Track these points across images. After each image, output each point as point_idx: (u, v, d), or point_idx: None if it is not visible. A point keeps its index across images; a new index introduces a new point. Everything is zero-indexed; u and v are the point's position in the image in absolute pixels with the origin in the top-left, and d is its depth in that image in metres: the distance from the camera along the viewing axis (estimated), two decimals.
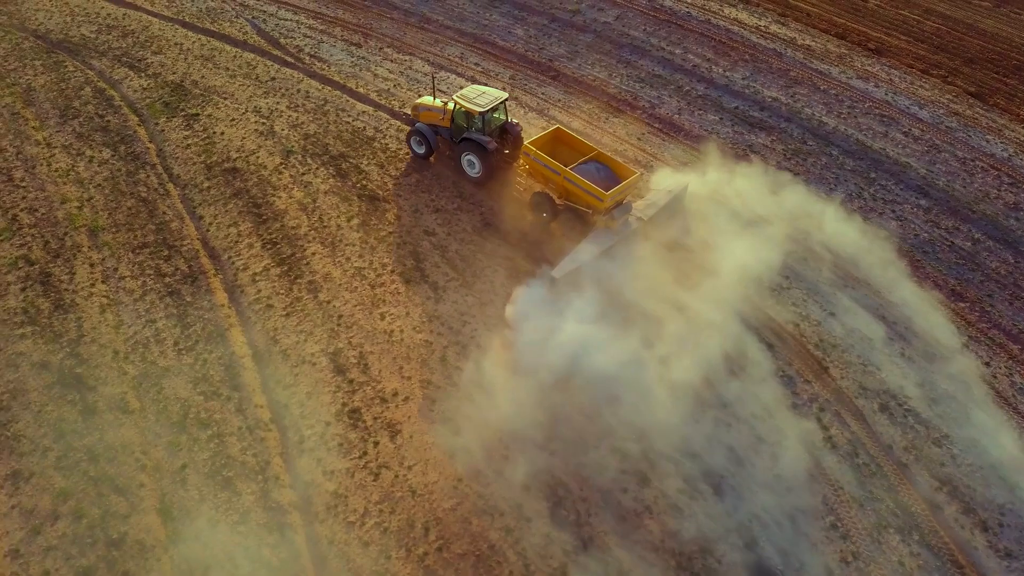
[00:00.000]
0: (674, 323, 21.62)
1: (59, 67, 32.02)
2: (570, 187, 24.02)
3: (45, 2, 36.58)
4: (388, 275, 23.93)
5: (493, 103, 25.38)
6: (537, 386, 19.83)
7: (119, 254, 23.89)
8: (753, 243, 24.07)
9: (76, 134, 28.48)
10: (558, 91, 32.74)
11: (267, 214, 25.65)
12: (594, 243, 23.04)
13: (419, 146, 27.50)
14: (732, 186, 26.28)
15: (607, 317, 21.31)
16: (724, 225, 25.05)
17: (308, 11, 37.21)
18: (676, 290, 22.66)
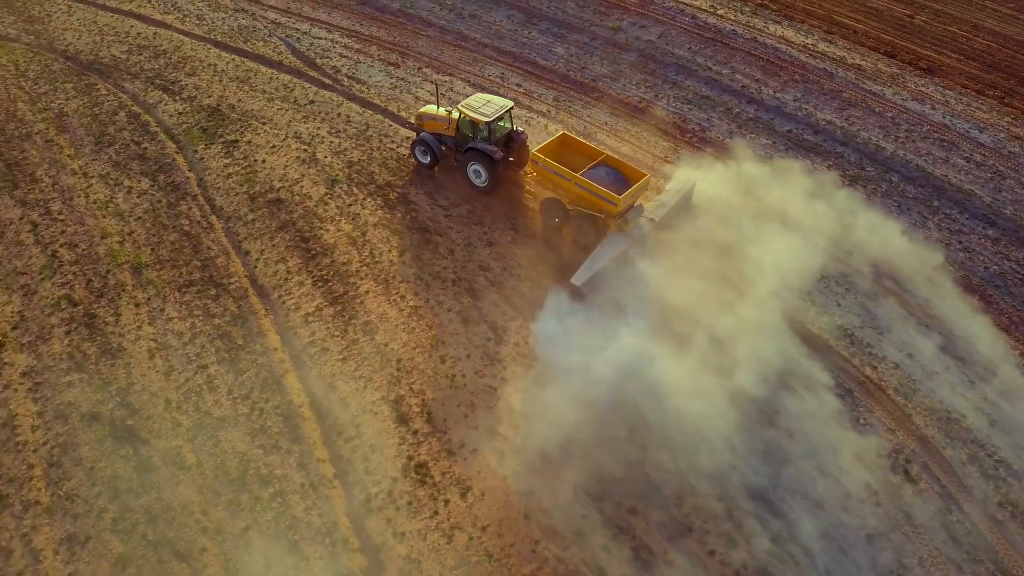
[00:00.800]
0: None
1: (91, 90, 31.06)
2: (582, 193, 23.85)
3: (73, 21, 35.60)
4: (445, 314, 22.96)
5: (499, 112, 25.11)
6: (612, 435, 18.93)
7: (165, 293, 22.90)
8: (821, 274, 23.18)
9: (113, 162, 27.52)
10: (603, 113, 31.80)
11: (316, 249, 24.69)
12: (610, 247, 23.04)
13: (424, 155, 27.31)
14: (792, 209, 25.26)
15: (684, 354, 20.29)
16: (784, 249, 23.89)
17: (342, 29, 36.25)
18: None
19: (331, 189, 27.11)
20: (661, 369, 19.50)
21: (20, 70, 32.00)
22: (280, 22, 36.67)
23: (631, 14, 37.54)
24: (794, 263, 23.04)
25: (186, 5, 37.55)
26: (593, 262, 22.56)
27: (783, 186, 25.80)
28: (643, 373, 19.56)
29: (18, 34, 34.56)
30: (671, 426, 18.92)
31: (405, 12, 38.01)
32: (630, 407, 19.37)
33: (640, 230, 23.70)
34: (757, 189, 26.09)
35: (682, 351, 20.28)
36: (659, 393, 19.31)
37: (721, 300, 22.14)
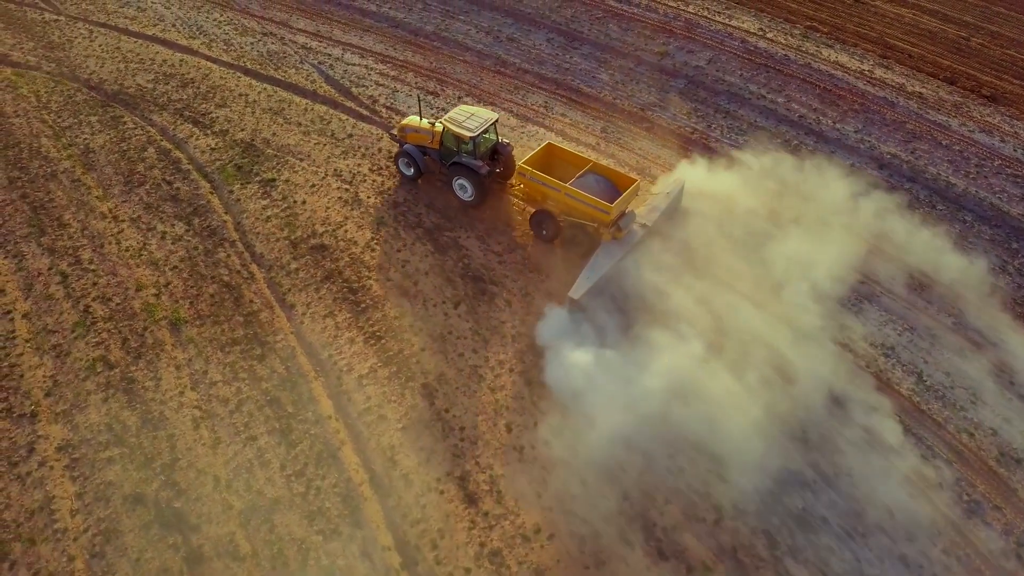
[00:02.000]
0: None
1: (117, 124, 29.50)
2: (573, 203, 23.60)
3: (95, 47, 34.05)
4: (507, 375, 21.38)
5: (484, 125, 24.67)
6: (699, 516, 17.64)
7: (207, 353, 21.31)
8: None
9: (144, 204, 25.95)
10: (654, 144, 30.26)
11: (365, 301, 23.11)
12: (606, 257, 22.75)
13: (407, 168, 26.89)
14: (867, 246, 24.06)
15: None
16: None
17: (375, 54, 34.69)
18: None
19: (377, 233, 25.54)
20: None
21: (42, 101, 30.45)
22: (311, 47, 35.10)
23: (677, 38, 35.94)
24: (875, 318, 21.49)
25: (212, 29, 35.99)
26: (590, 273, 22.10)
27: (854, 224, 24.92)
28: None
29: (39, 61, 33.02)
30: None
31: (440, 35, 36.45)
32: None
33: (634, 236, 23.43)
34: (829, 233, 24.60)
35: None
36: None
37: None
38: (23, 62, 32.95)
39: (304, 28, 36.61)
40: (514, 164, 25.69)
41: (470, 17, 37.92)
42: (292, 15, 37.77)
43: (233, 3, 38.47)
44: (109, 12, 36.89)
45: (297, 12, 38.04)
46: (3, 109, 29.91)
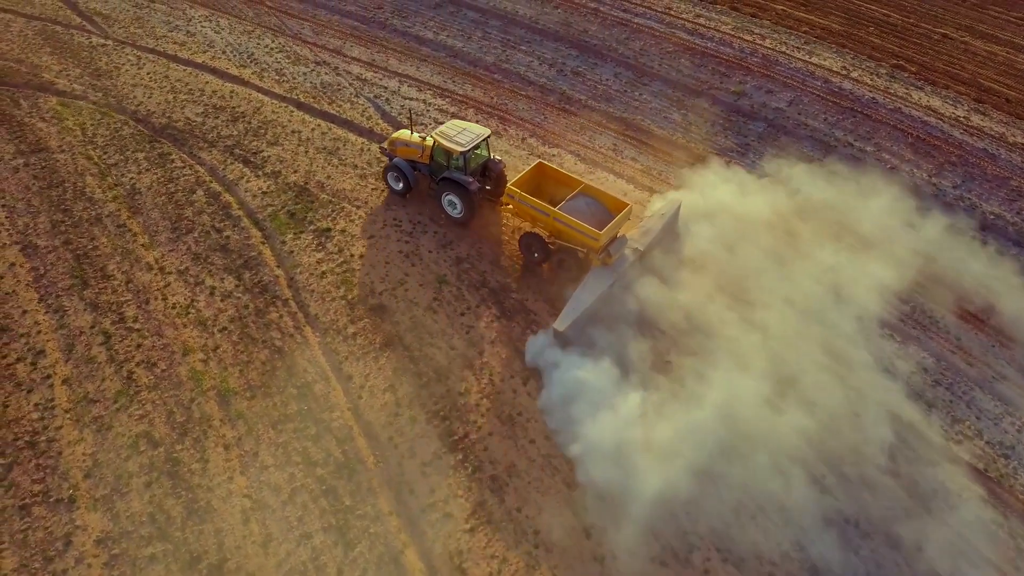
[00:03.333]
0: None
1: (165, 161, 27.98)
2: (561, 228, 23.00)
3: (143, 75, 32.68)
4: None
5: (475, 141, 24.37)
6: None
7: (257, 431, 19.59)
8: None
9: (192, 255, 24.36)
10: (737, 197, 27.86)
11: (428, 373, 21.25)
12: (593, 285, 21.99)
13: (397, 182, 26.48)
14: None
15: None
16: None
17: (434, 87, 32.90)
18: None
19: (439, 293, 23.69)
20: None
21: (88, 136, 29.09)
22: (366, 78, 33.42)
23: (755, 76, 33.70)
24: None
25: (263, 57, 34.49)
26: (576, 304, 21.36)
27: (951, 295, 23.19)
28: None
29: (84, 91, 31.71)
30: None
31: (501, 67, 34.59)
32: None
33: (624, 262, 22.77)
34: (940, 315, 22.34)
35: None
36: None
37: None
38: (69, 91, 31.66)
39: (358, 57, 34.97)
40: (505, 181, 25.04)
41: (532, 47, 36.03)
42: (346, 42, 36.18)
43: (285, 28, 36.99)
44: (158, 37, 35.56)
45: (351, 39, 36.45)
46: (48, 143, 28.55)
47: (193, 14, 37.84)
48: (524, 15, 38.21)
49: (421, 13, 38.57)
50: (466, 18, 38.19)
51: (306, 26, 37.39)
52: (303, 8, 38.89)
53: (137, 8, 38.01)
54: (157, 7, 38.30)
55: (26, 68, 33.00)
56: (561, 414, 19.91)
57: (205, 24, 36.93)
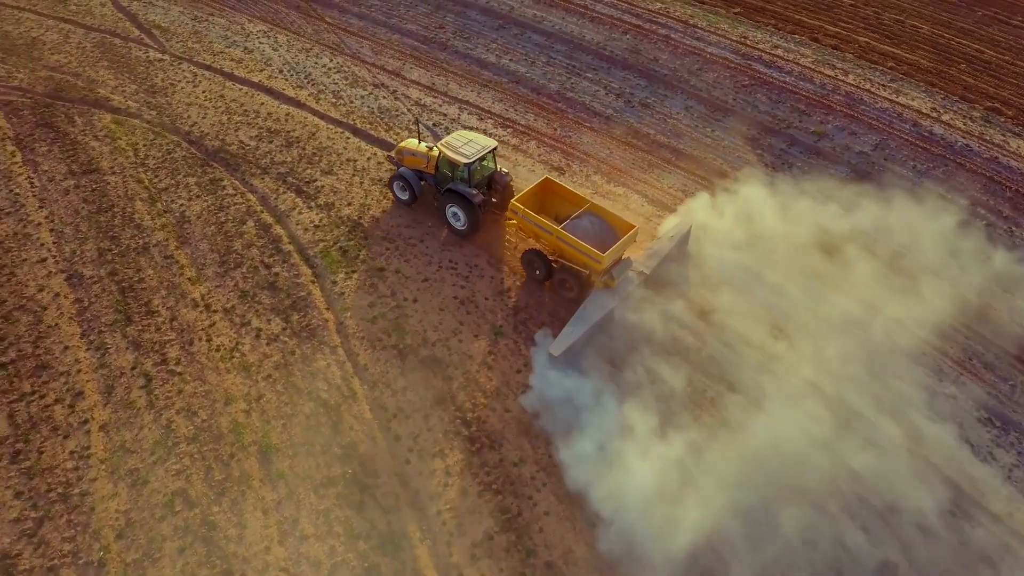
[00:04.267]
0: None
1: (216, 188, 27.12)
2: (564, 247, 22.46)
3: (198, 94, 31.95)
4: None
5: (480, 153, 24.14)
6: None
7: (299, 495, 18.40)
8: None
9: (239, 292, 23.34)
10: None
11: (481, 438, 19.88)
12: (593, 309, 21.36)
13: (402, 192, 26.40)
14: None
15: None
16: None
17: (495, 116, 31.55)
18: None
19: (495, 346, 22.32)
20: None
21: (140, 157, 28.38)
22: (425, 103, 32.21)
23: (837, 116, 31.67)
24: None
25: (321, 77, 33.55)
26: (573, 328, 20.81)
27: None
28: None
29: (139, 108, 31.09)
30: None
31: (565, 95, 33.13)
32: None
33: (628, 285, 22.14)
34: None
35: None
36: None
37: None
38: (124, 108, 31.09)
39: (418, 80, 33.82)
40: (512, 195, 24.86)
41: (599, 75, 34.50)
42: (405, 63, 35.09)
43: (343, 47, 36.05)
44: (215, 53, 34.89)
45: (411, 59, 35.35)
46: (100, 164, 27.93)
47: (251, 29, 37.14)
48: (591, 40, 36.71)
49: (484, 35, 37.32)
50: (530, 41, 36.83)
51: (365, 45, 36.40)
52: (363, 26, 37.94)
53: (196, 22, 37.45)
54: (216, 21, 37.71)
55: (82, 82, 32.54)
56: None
57: (263, 40, 36.18)
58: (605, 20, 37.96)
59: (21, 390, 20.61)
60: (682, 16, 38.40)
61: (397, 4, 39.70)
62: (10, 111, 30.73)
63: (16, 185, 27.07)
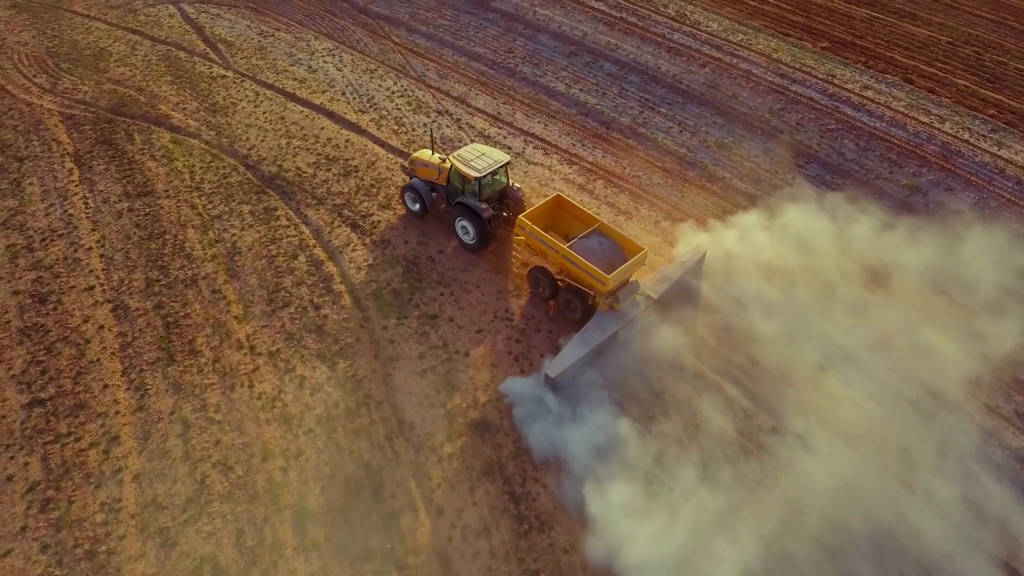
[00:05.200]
0: None
1: (270, 217, 26.29)
2: (569, 266, 22.09)
3: (259, 114, 31.30)
4: None
5: (492, 167, 23.93)
6: None
7: (333, 570, 17.37)
8: None
9: (286, 334, 22.35)
10: (900, 316, 23.75)
11: (530, 518, 18.46)
12: (595, 332, 21.04)
13: (413, 203, 26.28)
14: None
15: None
16: None
17: (561, 151, 30.15)
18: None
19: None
20: None
21: (195, 181, 27.77)
22: (489, 134, 30.95)
23: (931, 167, 29.38)
24: None
25: (383, 101, 32.62)
26: (573, 349, 20.53)
27: None
28: None
29: (199, 127, 30.54)
30: None
31: (636, 131, 31.52)
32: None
33: (634, 308, 21.77)
34: None
35: None
36: None
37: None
38: (183, 126, 30.58)
39: (483, 108, 32.61)
40: (523, 211, 24.42)
41: (673, 110, 32.80)
42: (471, 89, 33.92)
43: (408, 69, 35.08)
44: (278, 71, 34.25)
45: (477, 85, 34.17)
46: (155, 187, 27.40)
47: (317, 46, 36.45)
48: (667, 72, 35.01)
49: (554, 61, 35.94)
50: (602, 71, 35.31)
51: (431, 68, 35.35)
52: (430, 47, 36.93)
53: (262, 37, 36.94)
54: (281, 36, 37.15)
55: (145, 98, 32.21)
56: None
57: (327, 59, 35.43)
58: (683, 51, 36.20)
59: (57, 431, 19.92)
60: (765, 49, 36.39)
61: (466, 25, 38.58)
62: (72, 125, 30.49)
63: (71, 205, 26.65)
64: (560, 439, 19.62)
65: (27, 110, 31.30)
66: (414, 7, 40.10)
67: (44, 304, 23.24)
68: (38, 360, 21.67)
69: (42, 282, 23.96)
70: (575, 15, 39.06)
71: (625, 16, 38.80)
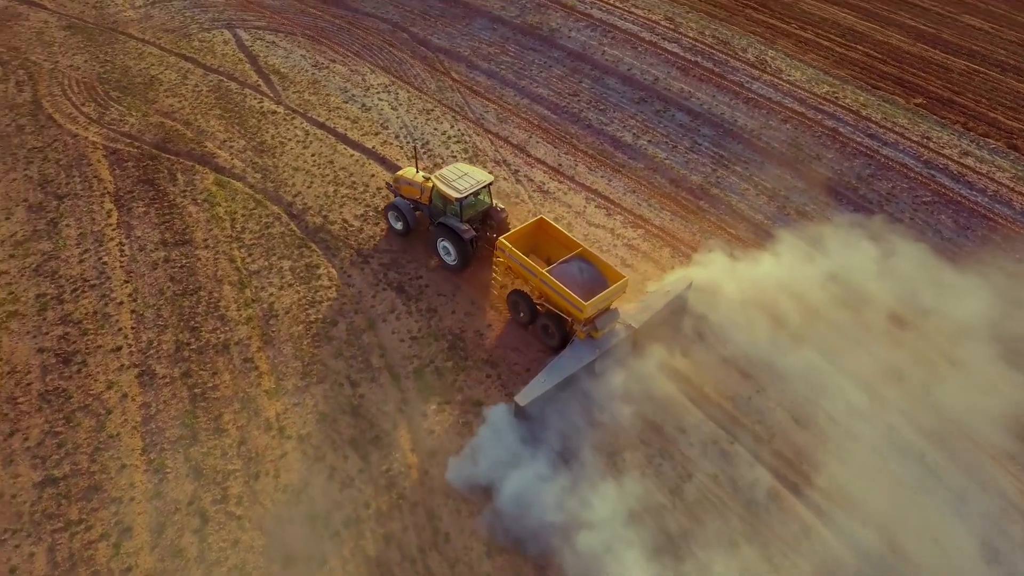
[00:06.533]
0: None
1: (311, 276, 24.88)
2: (548, 291, 21.84)
3: (307, 156, 30.17)
4: None
5: (474, 188, 23.91)
6: None
7: None
8: None
9: (318, 414, 20.84)
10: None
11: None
12: (570, 360, 20.83)
13: (396, 221, 26.16)
14: None
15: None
16: None
17: (625, 211, 28.23)
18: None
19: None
20: None
21: (236, 230, 26.51)
22: (548, 189, 29.24)
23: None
24: None
25: (438, 147, 31.11)
26: (546, 377, 20.27)
27: None
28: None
29: (244, 168, 29.35)
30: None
31: (708, 192, 29.49)
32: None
33: (613, 337, 21.48)
34: None
35: None
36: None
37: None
38: (228, 167, 29.42)
39: (543, 158, 30.78)
40: (507, 232, 24.32)
41: (750, 170, 30.51)
42: (532, 135, 32.15)
43: (467, 111, 33.46)
44: (331, 108, 32.97)
45: (538, 132, 32.40)
46: (194, 235, 26.19)
47: (372, 81, 35.09)
48: (744, 126, 32.71)
49: (622, 108, 33.95)
50: (674, 121, 33.17)
51: (491, 110, 33.66)
52: (490, 86, 35.26)
53: (316, 69, 35.74)
54: (337, 69, 35.91)
55: (192, 133, 31.19)
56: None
57: (383, 96, 34.04)
58: (762, 103, 33.84)
59: (68, 517, 18.64)
60: (853, 104, 33.82)
61: (530, 63, 36.84)
62: (116, 161, 29.59)
63: (106, 252, 25.59)
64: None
65: (72, 143, 30.49)
66: (476, 40, 38.50)
67: (68, 365, 22.07)
68: (56, 431, 20.47)
69: (68, 339, 22.80)
70: (646, 57, 36.99)
71: (700, 61, 36.58)
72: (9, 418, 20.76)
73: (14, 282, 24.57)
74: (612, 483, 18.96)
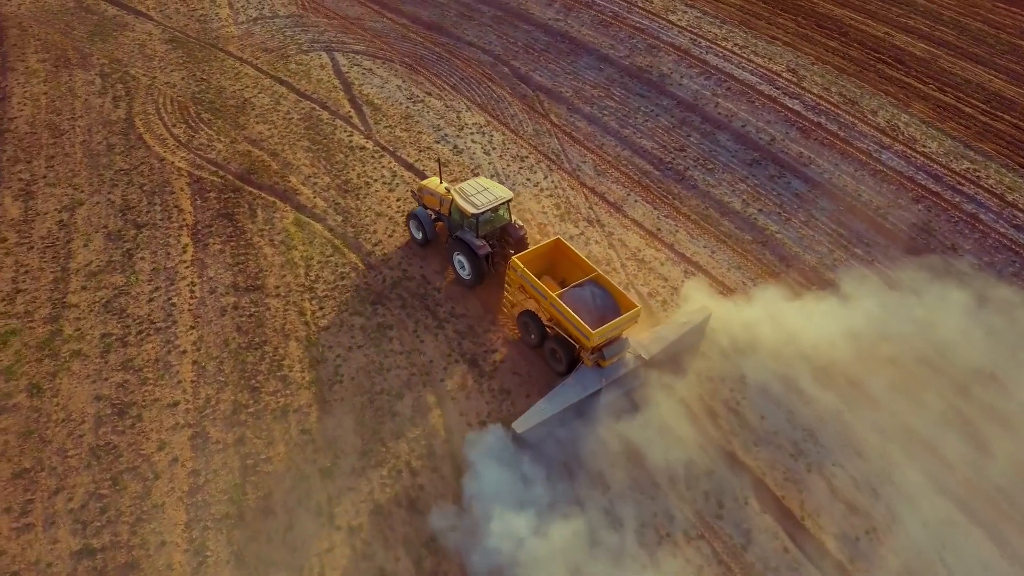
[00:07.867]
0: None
1: (382, 338, 23.73)
2: (557, 315, 21.50)
3: (392, 202, 29.19)
4: None
5: (492, 204, 23.89)
6: None
7: None
8: None
9: (372, 504, 19.59)
10: None
11: None
12: (573, 388, 20.63)
13: (417, 231, 26.28)
14: None
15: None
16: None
17: (729, 289, 25.50)
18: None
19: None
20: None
21: (310, 278, 25.52)
22: (643, 257, 27.25)
23: None
24: None
25: (529, 201, 29.49)
26: (546, 405, 20.18)
27: None
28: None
29: (326, 209, 28.33)
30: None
31: (822, 275, 27.19)
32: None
33: (622, 367, 21.28)
34: None
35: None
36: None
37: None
38: (310, 205, 28.46)
39: (640, 220, 28.76)
40: (525, 248, 24.48)
41: (872, 254, 28.30)
42: (631, 192, 30.15)
43: (563, 159, 31.73)
44: (421, 148, 31.72)
45: (638, 188, 30.41)
46: (266, 281, 25.25)
47: (467, 119, 33.69)
48: (868, 203, 29.84)
49: (732, 168, 31.49)
50: (788, 189, 30.53)
51: (588, 160, 31.76)
52: (591, 133, 33.37)
53: (411, 102, 34.61)
54: (431, 103, 34.69)
55: (277, 165, 30.44)
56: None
57: (476, 137, 32.58)
58: (891, 177, 30.81)
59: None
60: (996, 186, 30.41)
61: (635, 110, 34.76)
62: (198, 191, 29.05)
63: (176, 292, 24.86)
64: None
65: (157, 167, 30.14)
66: (580, 80, 36.67)
67: (123, 418, 21.29)
68: (100, 493, 19.66)
69: (127, 388, 22.05)
70: (763, 113, 34.36)
71: (824, 122, 33.73)
72: (57, 472, 20.02)
73: (83, 317, 24.02)
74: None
